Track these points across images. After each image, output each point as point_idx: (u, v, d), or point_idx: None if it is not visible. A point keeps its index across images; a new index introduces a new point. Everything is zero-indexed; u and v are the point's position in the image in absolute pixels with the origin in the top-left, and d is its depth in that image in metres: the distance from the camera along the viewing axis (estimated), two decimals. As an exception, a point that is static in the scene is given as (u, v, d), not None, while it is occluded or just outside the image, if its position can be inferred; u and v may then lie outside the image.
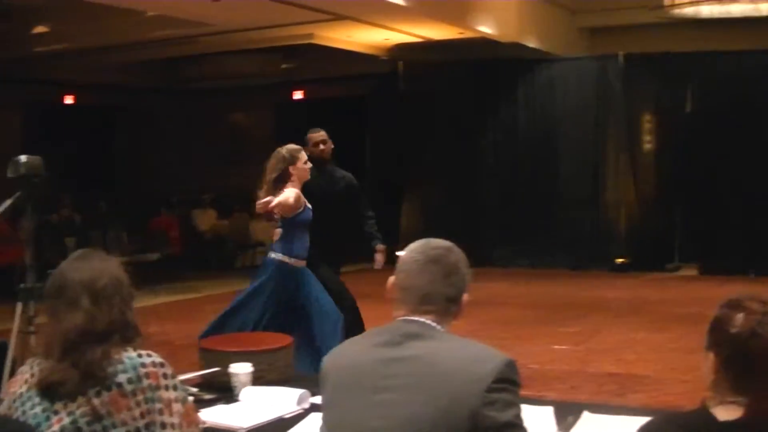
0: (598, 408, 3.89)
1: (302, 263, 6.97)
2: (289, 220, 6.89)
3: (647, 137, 16.82)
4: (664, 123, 16.72)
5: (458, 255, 2.91)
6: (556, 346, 9.79)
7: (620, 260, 16.43)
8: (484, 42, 15.79)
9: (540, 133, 16.95)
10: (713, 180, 16.09)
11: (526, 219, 16.92)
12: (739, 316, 2.44)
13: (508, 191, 17.32)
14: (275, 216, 6.94)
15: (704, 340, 2.54)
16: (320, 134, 8.15)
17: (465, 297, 2.89)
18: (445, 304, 2.83)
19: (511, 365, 2.67)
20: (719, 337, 2.48)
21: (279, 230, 6.99)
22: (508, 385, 2.63)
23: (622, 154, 16.70)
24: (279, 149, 7.02)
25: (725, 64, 16.16)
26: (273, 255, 6.95)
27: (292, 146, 7.07)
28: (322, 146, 8.06)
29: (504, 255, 17.27)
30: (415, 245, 2.93)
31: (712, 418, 2.41)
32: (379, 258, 8.17)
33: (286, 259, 6.87)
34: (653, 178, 16.84)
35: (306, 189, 7.01)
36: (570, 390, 7.85)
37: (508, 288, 14.55)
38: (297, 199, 6.76)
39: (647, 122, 16.83)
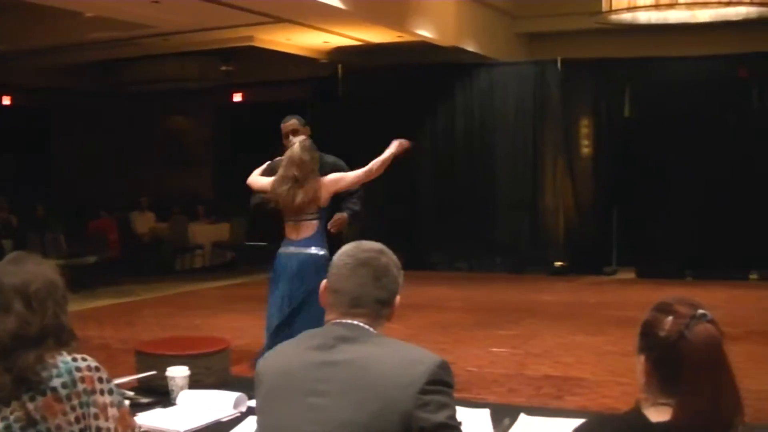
0: (534, 410, 3.92)
1: None
2: (325, 209, 6.82)
3: (585, 142, 16.96)
4: (602, 128, 16.87)
5: (389, 257, 2.90)
6: (494, 349, 9.83)
7: (558, 264, 16.55)
8: (424, 46, 15.85)
9: (478, 138, 17.02)
10: (650, 184, 16.26)
11: (465, 223, 16.96)
12: (668, 320, 2.47)
13: (446, 195, 17.37)
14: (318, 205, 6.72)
15: (636, 344, 2.58)
16: (290, 123, 7.80)
17: (397, 299, 2.89)
18: (376, 306, 2.83)
19: (443, 366, 2.68)
20: (649, 340, 2.52)
21: (314, 222, 6.75)
22: (441, 386, 2.63)
23: (560, 158, 16.84)
24: (308, 145, 6.87)
25: (663, 70, 16.36)
26: (317, 250, 6.71)
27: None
28: (291, 137, 7.50)
29: (443, 259, 17.32)
30: (346, 248, 2.92)
31: (645, 420, 2.45)
32: (336, 221, 7.35)
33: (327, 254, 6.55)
34: (591, 183, 16.96)
35: None
36: (508, 393, 7.90)
37: (447, 292, 14.58)
38: None
39: (585, 127, 16.98)
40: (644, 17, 14.55)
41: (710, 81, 16.15)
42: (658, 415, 2.45)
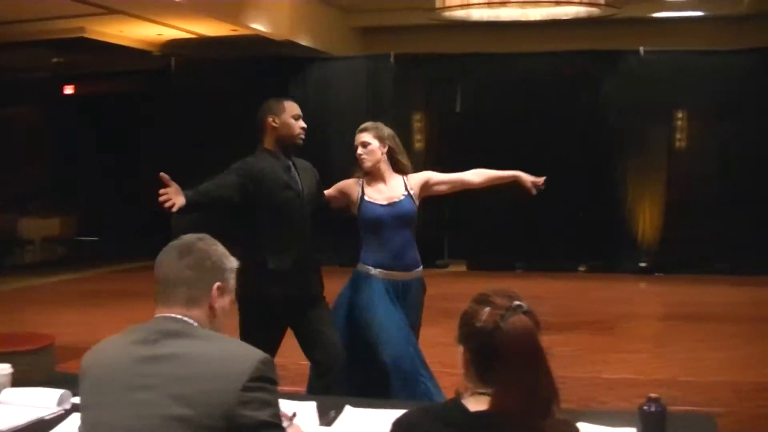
0: (360, 402, 3.98)
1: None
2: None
3: (418, 136, 17.08)
4: (435, 123, 17.05)
5: (213, 251, 2.91)
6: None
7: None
8: (258, 39, 15.76)
9: (311, 132, 16.85)
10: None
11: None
12: (485, 311, 2.54)
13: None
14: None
15: (456, 334, 2.65)
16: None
17: (222, 293, 2.90)
18: (200, 300, 2.84)
19: (267, 362, 2.69)
20: (467, 330, 2.59)
21: None
22: (264, 383, 2.66)
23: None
24: (378, 124, 6.32)
25: (495, 66, 16.63)
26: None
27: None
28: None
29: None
30: (172, 243, 2.92)
31: (464, 409, 2.52)
32: None
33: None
34: (423, 177, 17.03)
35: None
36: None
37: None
38: None
39: (417, 122, 17.10)
40: (477, 14, 14.76)
41: (540, 78, 16.49)
42: (476, 404, 2.52)
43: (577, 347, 9.78)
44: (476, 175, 6.52)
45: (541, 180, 6.69)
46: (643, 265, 16.35)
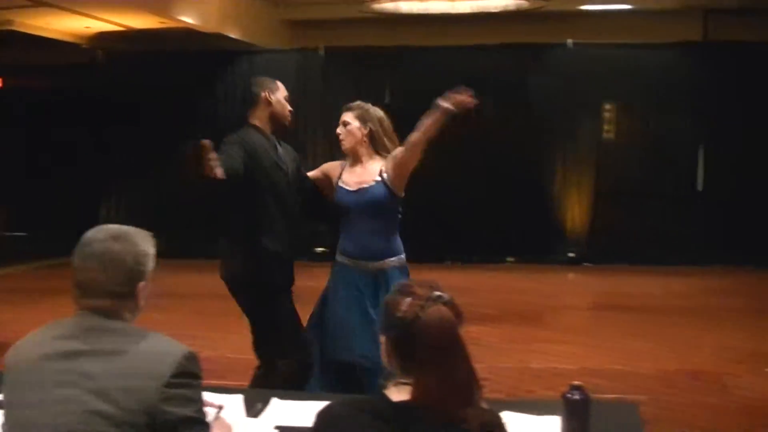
0: (286, 394, 3.99)
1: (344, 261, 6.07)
2: None
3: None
4: (364, 116, 16.96)
5: (132, 245, 2.85)
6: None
7: (320, 249, 16.59)
8: (187, 32, 15.66)
9: (240, 127, 16.73)
10: (412, 172, 16.50)
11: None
12: (406, 301, 2.55)
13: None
14: None
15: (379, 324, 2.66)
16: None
17: (141, 286, 2.85)
18: (121, 295, 2.80)
19: (190, 358, 2.69)
20: (388, 320, 2.60)
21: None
22: (188, 378, 2.66)
23: (322, 146, 16.84)
24: (366, 105, 6.18)
25: (424, 60, 16.63)
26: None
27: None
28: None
29: (205, 247, 17.16)
30: (89, 235, 2.87)
31: (387, 399, 2.53)
32: None
33: None
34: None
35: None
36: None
37: (204, 279, 14.47)
38: None
39: (337, 115, 16.99)
40: (406, 7, 14.82)
41: (469, 71, 16.51)
42: (399, 394, 2.53)
43: (506, 338, 9.87)
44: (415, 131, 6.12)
45: (469, 97, 6.18)
46: (572, 255, 16.47)
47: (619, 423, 3.68)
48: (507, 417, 3.52)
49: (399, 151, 6.02)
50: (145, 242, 2.90)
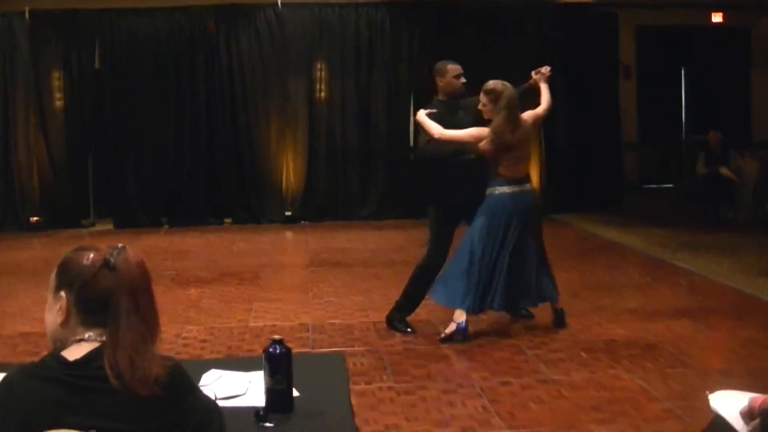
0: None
1: None
2: None
3: (57, 95, 16.56)
4: (74, 81, 16.55)
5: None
6: None
7: (34, 219, 16.21)
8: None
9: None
10: (123, 136, 16.37)
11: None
12: (89, 255, 2.54)
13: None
14: None
15: (51, 285, 2.60)
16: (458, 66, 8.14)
17: None
18: None
19: None
20: (69, 275, 2.56)
21: None
22: None
23: (32, 114, 16.38)
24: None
25: (134, 22, 16.39)
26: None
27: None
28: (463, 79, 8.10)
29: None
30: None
31: (61, 359, 2.47)
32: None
33: None
34: (64, 136, 16.58)
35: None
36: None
37: None
38: None
39: (57, 80, 16.57)
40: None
41: (176, 33, 16.45)
42: (78, 351, 2.49)
43: (225, 299, 9.94)
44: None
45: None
46: (288, 214, 16.69)
47: (325, 372, 3.80)
48: (216, 374, 3.61)
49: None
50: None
